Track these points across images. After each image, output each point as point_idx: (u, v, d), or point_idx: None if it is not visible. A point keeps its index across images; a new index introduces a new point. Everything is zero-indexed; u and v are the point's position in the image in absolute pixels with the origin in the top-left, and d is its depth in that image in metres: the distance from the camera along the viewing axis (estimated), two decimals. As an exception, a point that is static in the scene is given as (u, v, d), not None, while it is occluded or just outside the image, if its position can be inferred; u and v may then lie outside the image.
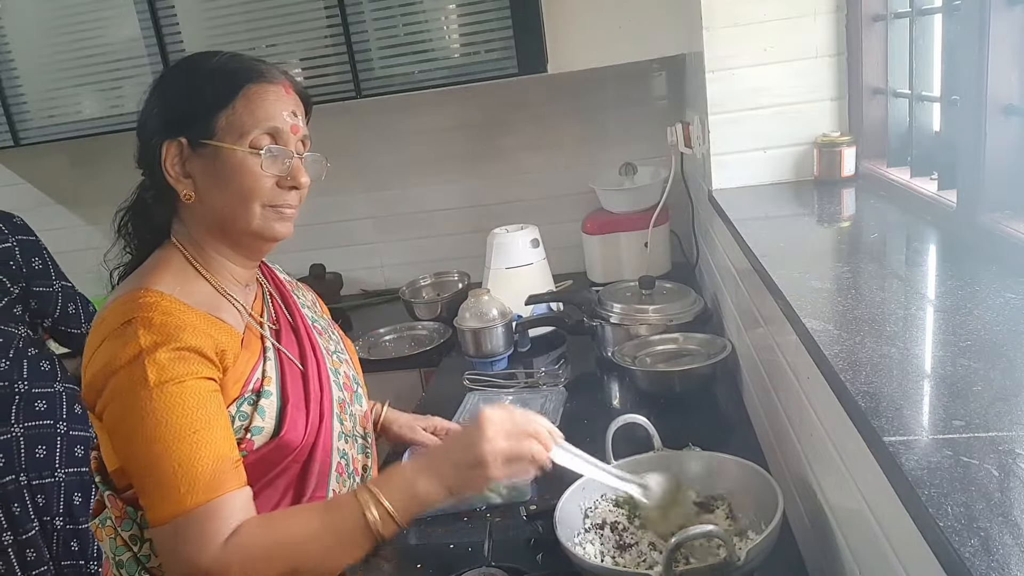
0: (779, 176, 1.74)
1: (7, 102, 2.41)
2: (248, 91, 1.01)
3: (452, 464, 0.94)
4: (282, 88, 1.05)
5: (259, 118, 1.01)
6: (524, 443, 0.94)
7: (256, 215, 1.03)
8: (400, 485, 0.93)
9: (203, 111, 1.00)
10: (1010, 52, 1.06)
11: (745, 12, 1.66)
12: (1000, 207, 1.09)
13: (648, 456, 1.14)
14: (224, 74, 1.02)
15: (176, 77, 1.06)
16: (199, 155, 1.01)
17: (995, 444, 0.61)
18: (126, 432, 0.92)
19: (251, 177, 1.01)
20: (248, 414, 1.01)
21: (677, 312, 1.77)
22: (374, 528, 0.90)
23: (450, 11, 2.19)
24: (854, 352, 0.80)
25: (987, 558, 0.49)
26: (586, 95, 2.53)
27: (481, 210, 2.68)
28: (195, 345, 0.94)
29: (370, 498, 0.91)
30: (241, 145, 1.00)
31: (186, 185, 1.02)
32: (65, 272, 2.03)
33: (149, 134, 1.03)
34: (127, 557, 1.02)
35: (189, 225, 1.06)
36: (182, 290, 1.00)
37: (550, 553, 1.11)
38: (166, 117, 1.02)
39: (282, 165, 1.03)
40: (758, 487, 1.03)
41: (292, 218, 1.07)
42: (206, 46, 2.25)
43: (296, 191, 1.06)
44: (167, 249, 1.06)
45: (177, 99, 1.03)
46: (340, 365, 1.21)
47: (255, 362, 1.04)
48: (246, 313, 1.09)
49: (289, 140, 1.04)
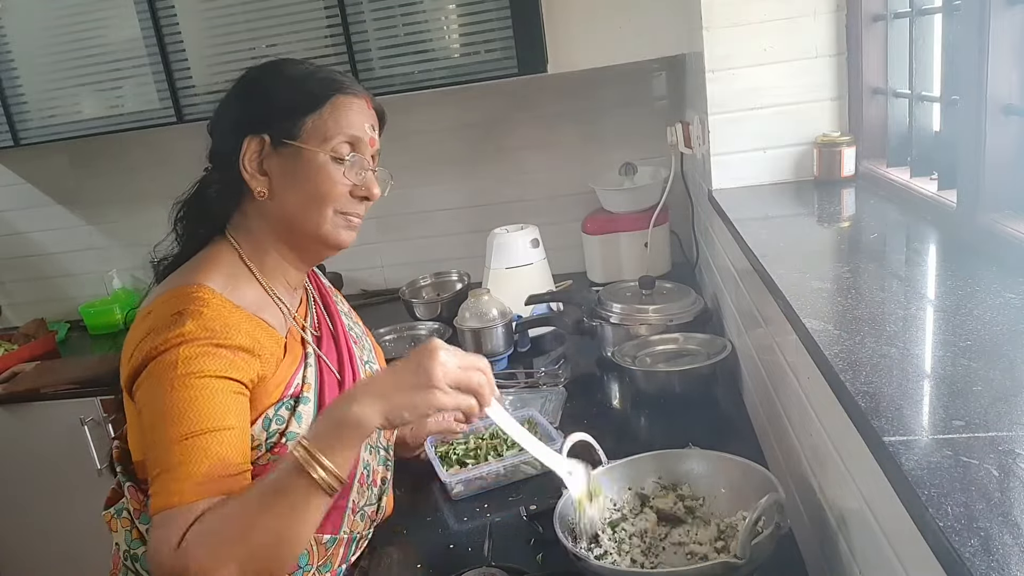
0: (779, 176, 1.74)
1: (7, 102, 2.40)
2: (336, 100, 1.05)
3: (394, 384, 0.90)
4: (364, 102, 1.09)
5: (343, 126, 1.04)
6: (474, 375, 0.92)
7: (327, 219, 1.05)
8: (328, 426, 0.89)
9: (291, 112, 1.04)
10: (1010, 52, 1.05)
11: (745, 12, 1.66)
12: (1000, 207, 1.09)
13: (641, 457, 1.14)
14: (316, 80, 1.06)
15: (265, 77, 1.08)
16: (280, 154, 1.03)
17: (995, 444, 0.61)
18: (149, 416, 0.92)
19: (329, 182, 1.03)
20: (285, 419, 1.01)
21: (677, 312, 1.77)
22: (322, 481, 0.86)
23: (450, 11, 2.19)
24: (854, 352, 0.80)
25: (987, 558, 0.49)
26: (586, 95, 2.53)
27: (481, 210, 2.68)
28: (239, 343, 0.95)
29: (304, 454, 0.87)
30: (324, 149, 1.03)
31: (261, 182, 1.04)
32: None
33: (229, 127, 1.06)
34: (142, 551, 1.02)
35: (253, 223, 1.08)
36: (232, 289, 1.01)
37: (550, 553, 1.11)
38: (252, 113, 1.05)
39: (360, 175, 1.06)
40: (758, 487, 1.03)
41: (357, 228, 1.10)
42: (206, 46, 2.26)
43: (366, 202, 1.08)
44: (220, 245, 1.07)
45: (266, 97, 1.06)
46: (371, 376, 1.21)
47: (296, 367, 1.05)
48: (290, 317, 1.10)
49: (366, 151, 1.07)
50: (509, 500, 1.28)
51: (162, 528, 0.86)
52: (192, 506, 0.87)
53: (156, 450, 0.90)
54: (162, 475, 0.89)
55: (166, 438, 0.89)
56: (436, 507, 1.31)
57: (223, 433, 0.91)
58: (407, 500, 1.34)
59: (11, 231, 2.97)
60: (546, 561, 1.11)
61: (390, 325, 2.38)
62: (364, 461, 1.13)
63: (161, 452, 0.89)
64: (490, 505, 1.29)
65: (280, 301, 1.08)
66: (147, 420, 0.92)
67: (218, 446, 0.90)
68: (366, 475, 1.14)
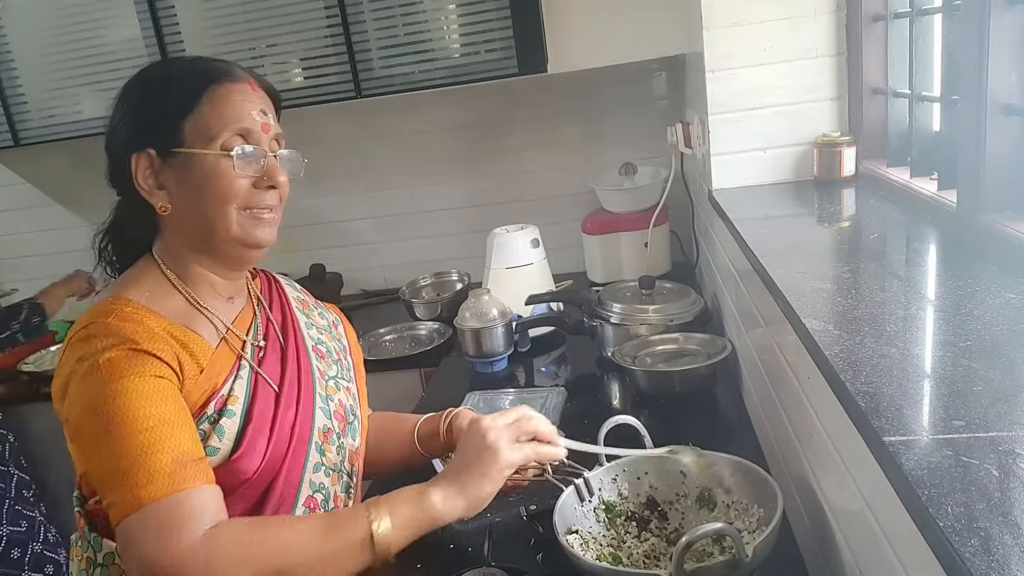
0: (779, 176, 1.74)
1: (7, 102, 2.41)
2: (212, 93, 0.98)
3: (459, 465, 0.94)
4: (247, 86, 1.01)
5: (227, 119, 0.98)
6: (523, 423, 0.98)
7: (233, 220, 0.99)
8: (409, 496, 0.93)
9: (168, 118, 0.97)
10: (1010, 52, 1.05)
11: (745, 12, 1.66)
12: (1000, 207, 1.09)
13: (644, 454, 1.14)
14: (185, 78, 0.99)
15: (137, 87, 1.02)
16: (170, 165, 0.98)
17: (995, 444, 0.61)
18: (86, 435, 0.88)
19: (225, 180, 0.97)
20: (206, 433, 0.95)
21: (677, 312, 1.77)
22: (377, 540, 0.88)
23: (450, 11, 2.19)
24: (854, 352, 0.80)
25: (987, 558, 0.49)
26: (586, 95, 2.53)
27: (481, 210, 2.68)
28: (150, 349, 0.91)
29: (382, 510, 0.90)
30: (212, 149, 0.97)
31: (160, 197, 0.99)
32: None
33: (117, 148, 1.00)
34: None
35: (168, 238, 1.03)
36: (153, 301, 0.98)
37: (550, 553, 1.11)
38: (131, 129, 0.99)
39: (257, 165, 1.00)
40: (758, 487, 1.03)
41: (273, 223, 1.04)
42: (206, 46, 2.26)
43: (274, 190, 1.02)
44: (144, 262, 1.04)
45: (140, 109, 1.00)
46: (336, 392, 1.15)
47: (224, 378, 1.00)
48: (223, 327, 1.04)
49: (261, 139, 1.00)
50: (509, 500, 1.28)
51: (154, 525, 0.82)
52: (175, 498, 0.83)
53: (108, 461, 0.86)
54: (123, 481, 0.84)
55: (113, 445, 0.85)
56: (436, 507, 1.31)
57: (173, 426, 0.88)
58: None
59: (11, 231, 2.97)
60: (546, 561, 1.11)
61: (390, 325, 2.38)
62: (318, 484, 1.05)
63: (113, 461, 0.85)
64: (490, 505, 1.28)
65: (208, 312, 1.03)
66: (87, 436, 0.88)
67: (171, 438, 0.87)
68: (321, 499, 1.05)
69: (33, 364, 2.49)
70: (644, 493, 1.12)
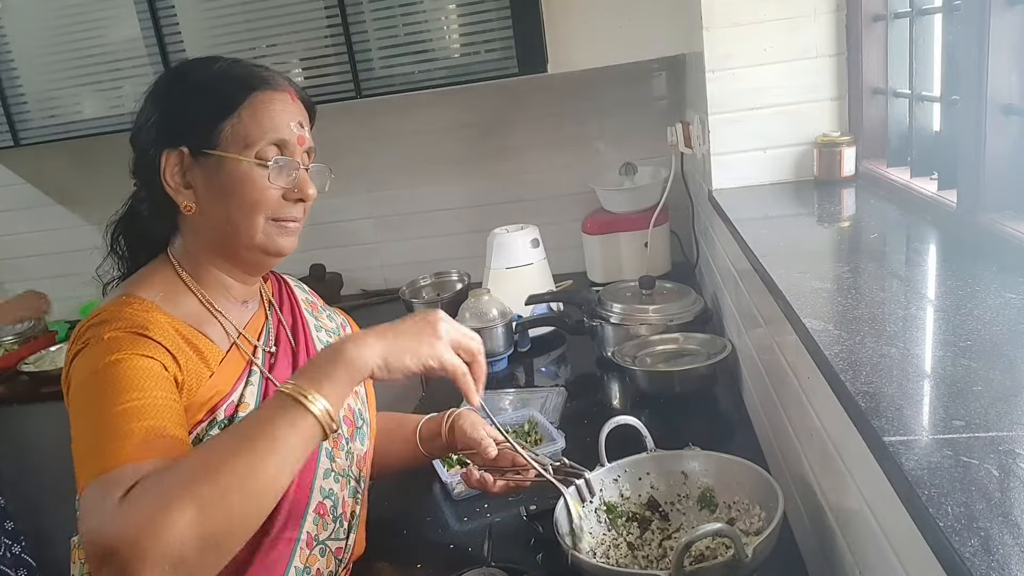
0: (779, 176, 1.74)
1: (7, 102, 2.41)
2: (254, 99, 0.98)
3: (395, 331, 0.88)
4: (288, 96, 1.02)
5: (266, 128, 0.97)
6: (472, 341, 0.95)
7: (260, 228, 0.99)
8: (318, 364, 0.84)
9: (206, 119, 0.96)
10: (1010, 52, 1.06)
11: (745, 12, 1.66)
12: (1000, 207, 1.09)
13: (644, 457, 1.14)
14: (228, 81, 0.99)
15: (176, 83, 1.01)
16: (201, 165, 0.97)
17: (995, 444, 0.61)
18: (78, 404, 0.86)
19: (257, 189, 0.97)
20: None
21: (677, 312, 1.77)
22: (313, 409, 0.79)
23: (450, 11, 2.19)
24: (854, 352, 0.80)
25: (987, 558, 0.49)
26: (586, 95, 2.53)
27: (481, 210, 2.68)
28: (156, 337, 0.89)
29: (294, 389, 0.81)
30: (247, 156, 0.96)
31: (187, 196, 0.98)
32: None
33: (147, 143, 0.99)
34: None
35: (187, 238, 1.03)
36: (167, 301, 0.97)
37: (550, 553, 1.11)
38: (165, 125, 0.98)
39: (289, 177, 1.00)
40: (758, 487, 1.03)
41: (296, 232, 1.04)
42: (206, 46, 2.26)
43: (302, 203, 1.03)
44: (159, 261, 1.03)
45: (177, 106, 0.99)
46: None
47: (234, 383, 0.99)
48: (235, 332, 1.03)
49: (295, 151, 1.00)
50: (509, 500, 1.28)
51: (97, 490, 0.74)
52: (138, 465, 0.75)
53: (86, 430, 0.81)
54: (91, 448, 0.79)
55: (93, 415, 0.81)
56: (436, 507, 1.31)
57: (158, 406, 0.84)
58: (407, 500, 1.34)
59: (11, 231, 2.97)
60: (546, 561, 1.11)
61: (390, 325, 2.38)
62: (327, 490, 1.03)
63: (89, 429, 0.81)
64: (490, 505, 1.29)
65: (221, 315, 1.02)
66: (75, 409, 0.86)
67: (153, 413, 0.82)
68: (330, 505, 1.03)
69: (33, 364, 2.49)
70: (645, 494, 1.12)
